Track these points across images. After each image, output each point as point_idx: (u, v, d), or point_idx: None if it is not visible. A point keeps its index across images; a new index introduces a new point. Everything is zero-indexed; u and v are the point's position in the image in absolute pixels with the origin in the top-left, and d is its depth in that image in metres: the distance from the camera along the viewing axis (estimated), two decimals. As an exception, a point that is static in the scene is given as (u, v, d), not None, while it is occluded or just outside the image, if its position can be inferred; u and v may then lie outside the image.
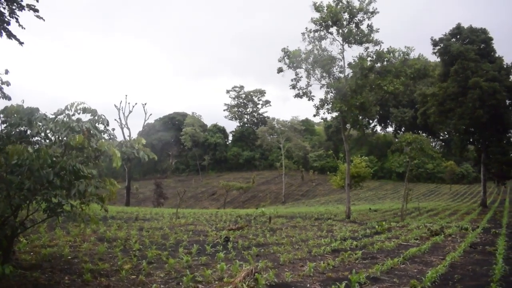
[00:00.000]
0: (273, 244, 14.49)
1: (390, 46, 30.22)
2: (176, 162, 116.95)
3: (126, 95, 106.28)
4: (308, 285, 8.51)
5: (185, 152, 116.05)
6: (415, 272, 10.14)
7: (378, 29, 30.38)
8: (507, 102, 39.79)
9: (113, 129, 9.26)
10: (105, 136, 8.95)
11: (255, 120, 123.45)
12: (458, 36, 41.60)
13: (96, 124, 8.53)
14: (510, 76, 40.21)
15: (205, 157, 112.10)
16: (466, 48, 38.96)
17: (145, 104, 60.68)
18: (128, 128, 54.50)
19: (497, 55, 41.28)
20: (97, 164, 8.78)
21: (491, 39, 41.27)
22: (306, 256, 12.24)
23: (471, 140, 43.48)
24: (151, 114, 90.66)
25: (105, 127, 8.83)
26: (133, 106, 56.48)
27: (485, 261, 11.79)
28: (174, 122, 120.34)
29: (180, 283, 8.25)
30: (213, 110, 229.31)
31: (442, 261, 11.29)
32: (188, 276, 8.29)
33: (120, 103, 56.15)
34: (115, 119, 53.82)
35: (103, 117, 8.70)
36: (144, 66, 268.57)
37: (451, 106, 39.84)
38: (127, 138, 51.80)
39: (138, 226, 18.68)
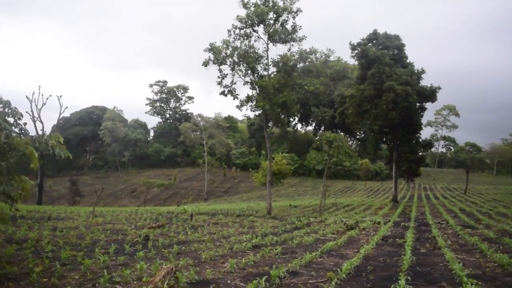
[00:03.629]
0: (194, 242, 14.39)
1: (312, 46, 31.20)
2: (93, 158, 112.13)
3: (39, 86, 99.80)
4: (229, 281, 8.54)
5: (103, 148, 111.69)
6: (331, 265, 10.55)
7: (301, 26, 31.16)
8: (417, 105, 42.56)
9: (25, 124, 8.68)
10: (16, 130, 8.37)
11: (178, 116, 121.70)
12: (374, 41, 43.75)
13: (6, 117, 7.96)
14: (420, 81, 43.04)
15: (125, 153, 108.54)
16: (382, 53, 41.13)
17: (60, 96, 57.20)
18: (41, 122, 51.14)
19: (408, 61, 44.03)
20: (6, 160, 8.18)
21: (403, 45, 43.94)
22: (227, 252, 12.29)
23: (384, 139, 45.95)
24: (67, 107, 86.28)
25: (16, 120, 8.25)
26: (47, 98, 53.13)
27: (395, 252, 12.54)
28: (92, 116, 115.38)
29: (97, 285, 7.91)
30: (134, 104, 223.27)
31: (357, 254, 11.85)
32: (105, 277, 7.96)
33: (33, 94, 52.24)
34: (27, 112, 50.28)
35: (15, 109, 8.13)
36: (60, 57, 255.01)
37: (367, 108, 41.91)
38: (40, 132, 48.86)
39: (51, 226, 17.75)
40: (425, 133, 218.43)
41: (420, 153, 45.43)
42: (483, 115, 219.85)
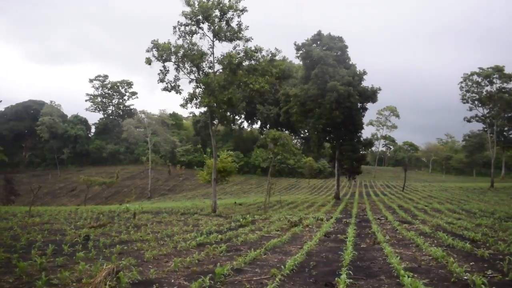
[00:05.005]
0: (137, 241, 14.10)
1: (257, 45, 31.36)
2: (30, 155, 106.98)
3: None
4: (173, 281, 8.42)
5: (41, 144, 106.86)
6: (275, 262, 10.65)
7: (248, 26, 31.25)
8: (359, 105, 43.86)
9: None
10: None
11: (121, 112, 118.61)
12: (318, 42, 44.58)
13: None
14: (362, 81, 44.36)
15: (64, 150, 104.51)
16: (325, 54, 41.97)
17: (-6, 89, 54.20)
18: (-28, 116, 48.28)
19: (351, 62, 45.25)
20: None
21: (346, 47, 45.08)
22: (171, 251, 12.12)
23: (327, 138, 47.02)
24: (0, 101, 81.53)
25: None
26: (-21, 92, 50.16)
27: (337, 248, 12.86)
28: (29, 111, 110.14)
29: (33, 288, 7.55)
30: (74, 99, 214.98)
31: (300, 250, 12.03)
32: (42, 279, 7.59)
33: (-37, 87, 49.21)
34: (-44, 105, 47.21)
35: None
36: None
37: (311, 107, 42.68)
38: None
39: (-18, 226, 16.78)
40: (366, 132, 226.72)
41: (361, 152, 46.87)
42: (421, 116, 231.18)
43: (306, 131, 65.28)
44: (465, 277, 8.13)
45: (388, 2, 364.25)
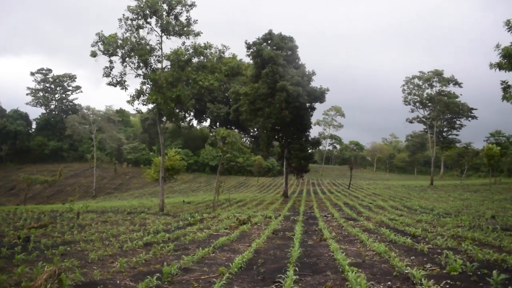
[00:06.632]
0: (81, 242, 13.67)
1: (207, 42, 31.17)
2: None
3: None
4: (118, 281, 8.21)
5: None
6: (224, 260, 10.64)
7: (196, 20, 30.94)
8: (307, 105, 44.53)
9: None
10: None
11: (64, 108, 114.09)
12: (269, 41, 44.85)
13: None
14: (311, 82, 45.05)
15: (2, 147, 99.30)
16: (276, 53, 42.28)
17: None
18: None
19: (300, 62, 45.87)
20: None
21: (297, 47, 45.63)
22: (117, 251, 11.84)
23: (276, 137, 47.47)
24: None
25: None
26: None
27: (285, 245, 13.02)
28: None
29: (-35, 293, 7.12)
30: (14, 93, 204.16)
31: (248, 248, 12.09)
32: (-24, 283, 7.20)
33: None
34: None
35: None
36: None
37: (261, 106, 42.94)
38: None
39: None
40: (314, 132, 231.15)
41: (309, 151, 47.65)
42: (367, 116, 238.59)
43: (255, 129, 65.63)
44: (406, 271, 8.46)
45: (335, 4, 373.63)
